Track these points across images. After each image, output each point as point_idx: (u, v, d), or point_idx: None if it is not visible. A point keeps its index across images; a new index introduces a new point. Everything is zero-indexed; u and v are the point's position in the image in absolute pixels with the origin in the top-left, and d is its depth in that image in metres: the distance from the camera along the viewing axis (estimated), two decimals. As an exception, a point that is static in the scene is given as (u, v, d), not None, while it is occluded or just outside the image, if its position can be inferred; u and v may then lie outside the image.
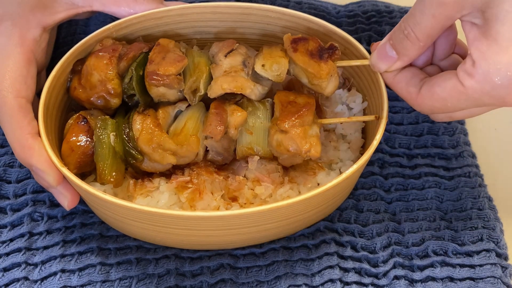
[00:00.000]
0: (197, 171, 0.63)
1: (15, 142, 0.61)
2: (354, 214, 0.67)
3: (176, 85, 0.62)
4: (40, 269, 0.62)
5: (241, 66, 0.64)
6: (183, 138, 0.62)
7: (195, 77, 0.63)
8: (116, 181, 0.61)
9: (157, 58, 0.64)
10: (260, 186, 0.62)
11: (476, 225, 0.66)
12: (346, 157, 0.66)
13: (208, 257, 0.64)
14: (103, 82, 0.63)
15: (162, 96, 0.64)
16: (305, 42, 0.63)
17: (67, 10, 0.70)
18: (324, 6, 0.90)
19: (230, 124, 0.62)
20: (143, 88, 0.64)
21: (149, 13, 0.69)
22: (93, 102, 0.64)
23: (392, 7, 0.90)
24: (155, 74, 0.62)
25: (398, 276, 0.62)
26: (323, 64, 0.62)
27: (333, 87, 0.63)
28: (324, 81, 0.62)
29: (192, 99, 0.63)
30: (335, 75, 0.63)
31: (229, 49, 0.65)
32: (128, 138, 0.62)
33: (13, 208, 0.67)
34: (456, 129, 0.75)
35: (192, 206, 0.61)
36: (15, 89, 0.63)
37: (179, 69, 0.63)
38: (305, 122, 0.62)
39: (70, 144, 0.61)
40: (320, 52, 0.62)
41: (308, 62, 0.62)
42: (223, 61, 0.64)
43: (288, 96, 0.63)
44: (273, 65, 0.62)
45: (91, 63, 0.64)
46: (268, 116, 0.64)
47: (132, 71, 0.64)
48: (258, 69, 0.63)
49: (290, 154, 0.61)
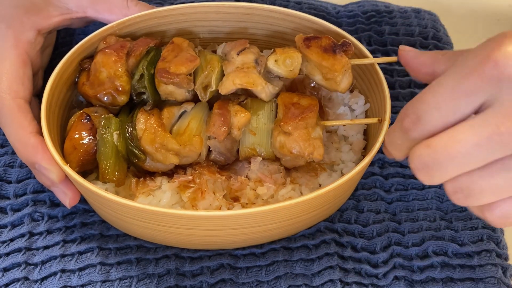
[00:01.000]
0: (199, 170, 0.63)
1: (17, 141, 0.61)
2: (354, 214, 0.67)
3: (186, 84, 0.62)
4: (40, 269, 0.62)
5: (253, 64, 0.64)
6: (186, 138, 0.62)
7: (207, 72, 0.63)
8: (119, 180, 0.61)
9: (169, 56, 0.64)
10: (262, 187, 0.62)
11: (476, 225, 0.66)
12: (348, 159, 0.66)
13: (208, 257, 0.64)
14: (111, 79, 0.63)
15: (170, 95, 0.64)
16: (318, 39, 0.63)
17: (62, 15, 0.70)
18: (324, 6, 0.90)
19: (234, 125, 0.62)
20: (155, 88, 0.64)
21: (153, 12, 0.69)
22: (100, 98, 0.64)
23: (392, 7, 0.90)
24: (166, 72, 0.62)
25: (398, 276, 0.63)
26: (338, 57, 0.61)
27: (347, 84, 0.63)
28: (339, 75, 0.61)
29: (203, 96, 0.63)
30: (349, 71, 0.62)
31: (241, 47, 0.65)
32: (131, 137, 0.62)
33: (14, 208, 0.67)
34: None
35: (194, 205, 0.61)
36: (13, 90, 0.63)
37: (190, 69, 0.63)
38: (308, 124, 0.62)
39: (72, 142, 0.61)
40: (333, 48, 0.62)
41: (322, 56, 0.61)
42: (235, 58, 0.64)
43: (292, 98, 0.63)
44: (286, 60, 0.62)
45: (99, 60, 0.64)
46: (272, 118, 0.63)
47: (143, 69, 0.64)
48: (271, 64, 0.62)
49: (293, 156, 0.61)
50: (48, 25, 0.69)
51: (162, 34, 0.71)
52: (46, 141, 0.60)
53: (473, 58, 0.44)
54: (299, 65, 0.62)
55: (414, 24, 0.87)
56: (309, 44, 0.62)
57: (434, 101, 0.45)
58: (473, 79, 0.43)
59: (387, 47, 0.84)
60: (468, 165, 0.44)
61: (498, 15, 0.95)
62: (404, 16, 0.88)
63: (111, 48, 0.64)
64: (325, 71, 0.62)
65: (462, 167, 0.44)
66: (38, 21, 0.68)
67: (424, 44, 0.84)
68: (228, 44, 0.67)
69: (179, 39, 0.67)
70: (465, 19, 0.94)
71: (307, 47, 0.62)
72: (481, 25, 0.93)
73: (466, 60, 0.44)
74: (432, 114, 0.45)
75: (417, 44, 0.84)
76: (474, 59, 0.43)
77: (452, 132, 0.44)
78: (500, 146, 0.42)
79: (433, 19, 0.88)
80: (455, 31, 0.89)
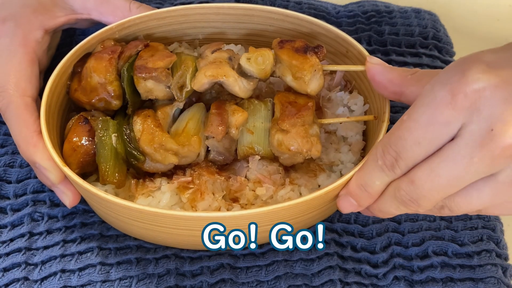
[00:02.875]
0: (198, 171, 0.63)
1: (21, 139, 0.62)
2: (353, 214, 0.67)
3: (164, 78, 0.62)
4: (40, 269, 0.62)
5: (227, 60, 0.64)
6: (184, 138, 0.62)
7: (181, 72, 0.63)
8: (119, 182, 0.61)
9: (146, 55, 0.64)
10: (261, 187, 0.62)
11: (476, 225, 0.66)
12: (347, 159, 0.66)
13: (208, 257, 0.64)
14: (103, 84, 0.63)
15: (149, 92, 0.64)
16: (292, 42, 0.64)
17: (67, 16, 0.71)
18: (324, 6, 0.90)
19: (231, 124, 0.62)
20: (134, 89, 0.64)
21: (152, 13, 0.69)
22: (94, 104, 0.64)
23: (392, 7, 0.90)
24: (144, 68, 0.62)
25: (398, 276, 0.63)
26: (308, 57, 0.62)
27: (318, 86, 0.63)
28: (307, 74, 0.61)
29: (179, 96, 0.63)
30: (320, 73, 0.62)
31: (216, 47, 0.66)
32: (129, 139, 0.62)
33: (13, 208, 0.67)
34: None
35: (193, 206, 0.61)
36: (20, 87, 0.63)
37: (168, 64, 0.63)
38: (305, 121, 0.62)
39: (71, 144, 0.61)
40: (305, 48, 0.63)
41: (293, 55, 0.62)
42: (209, 56, 0.64)
43: (288, 97, 0.63)
44: (258, 58, 0.63)
45: (90, 65, 0.64)
46: (269, 116, 0.64)
47: (123, 71, 0.64)
48: (243, 62, 0.63)
49: (291, 153, 0.61)
50: (54, 25, 0.70)
51: (161, 35, 0.72)
52: (45, 142, 0.60)
53: (441, 89, 0.46)
54: (270, 63, 0.63)
55: (414, 24, 0.87)
56: (282, 46, 0.63)
57: (413, 138, 0.48)
58: (447, 111, 0.46)
59: (387, 47, 0.84)
60: (448, 192, 0.49)
61: (498, 15, 0.94)
62: (404, 16, 0.88)
63: (102, 53, 0.65)
64: (294, 71, 0.62)
65: (444, 194, 0.49)
66: (45, 21, 0.69)
67: (424, 44, 0.84)
68: (204, 46, 0.67)
69: (154, 43, 0.67)
70: (465, 19, 0.94)
71: (280, 47, 0.63)
72: (481, 25, 0.93)
73: (434, 91, 0.47)
74: (414, 150, 0.48)
75: (417, 44, 0.84)
76: (443, 91, 0.46)
77: (432, 167, 0.48)
78: (474, 174, 0.46)
79: (433, 19, 0.88)
80: (455, 31, 0.89)
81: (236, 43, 0.74)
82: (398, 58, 0.82)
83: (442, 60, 0.83)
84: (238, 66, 0.64)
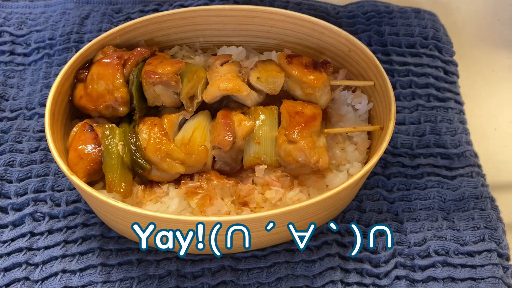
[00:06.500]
0: (206, 176, 0.62)
1: None
2: (356, 215, 0.67)
3: (174, 82, 0.62)
4: (41, 269, 0.62)
5: (238, 73, 0.64)
6: (191, 148, 0.61)
7: (193, 83, 0.63)
8: (125, 192, 0.60)
9: (154, 62, 0.64)
10: (270, 191, 0.62)
11: (478, 225, 0.66)
12: (353, 159, 0.66)
13: (209, 259, 0.63)
14: (110, 91, 0.63)
15: (157, 99, 0.63)
16: (299, 57, 0.65)
17: None
18: (323, 6, 0.90)
19: (238, 135, 0.61)
20: (142, 94, 0.64)
21: (153, 17, 0.69)
22: (101, 111, 0.63)
23: (392, 7, 0.90)
24: (153, 72, 0.62)
25: (400, 276, 0.62)
26: (318, 74, 0.63)
27: (326, 100, 0.65)
28: (319, 90, 0.63)
29: (189, 106, 0.63)
30: (328, 88, 0.64)
31: (224, 60, 0.66)
32: (136, 147, 0.61)
33: (15, 207, 0.67)
34: (458, 128, 0.75)
35: (203, 211, 0.61)
36: None
37: (177, 70, 0.63)
38: (313, 132, 0.62)
39: (78, 152, 0.60)
40: (314, 65, 0.64)
41: (303, 72, 0.63)
42: (219, 68, 0.64)
43: (295, 107, 0.63)
44: (269, 78, 0.63)
45: (96, 72, 0.63)
46: (275, 126, 0.63)
47: (133, 76, 0.63)
48: (253, 81, 0.63)
49: (298, 165, 0.61)
50: None
51: (162, 38, 0.71)
52: (51, 151, 0.59)
53: None
54: (281, 83, 0.64)
55: (414, 24, 0.86)
56: (291, 61, 0.64)
57: None
58: None
59: (387, 47, 0.84)
60: None
61: (498, 15, 0.95)
62: (404, 16, 0.88)
63: (108, 59, 0.64)
64: (305, 87, 0.63)
65: None
66: None
67: (424, 44, 0.84)
68: (212, 57, 0.67)
69: (161, 53, 0.67)
70: (465, 19, 0.94)
71: (288, 63, 0.64)
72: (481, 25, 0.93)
73: None
74: None
75: (417, 44, 0.84)
76: None
77: None
78: None
79: (433, 19, 0.88)
80: (455, 31, 0.89)
81: (237, 45, 0.74)
82: (399, 58, 0.82)
83: (442, 60, 0.83)
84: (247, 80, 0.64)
